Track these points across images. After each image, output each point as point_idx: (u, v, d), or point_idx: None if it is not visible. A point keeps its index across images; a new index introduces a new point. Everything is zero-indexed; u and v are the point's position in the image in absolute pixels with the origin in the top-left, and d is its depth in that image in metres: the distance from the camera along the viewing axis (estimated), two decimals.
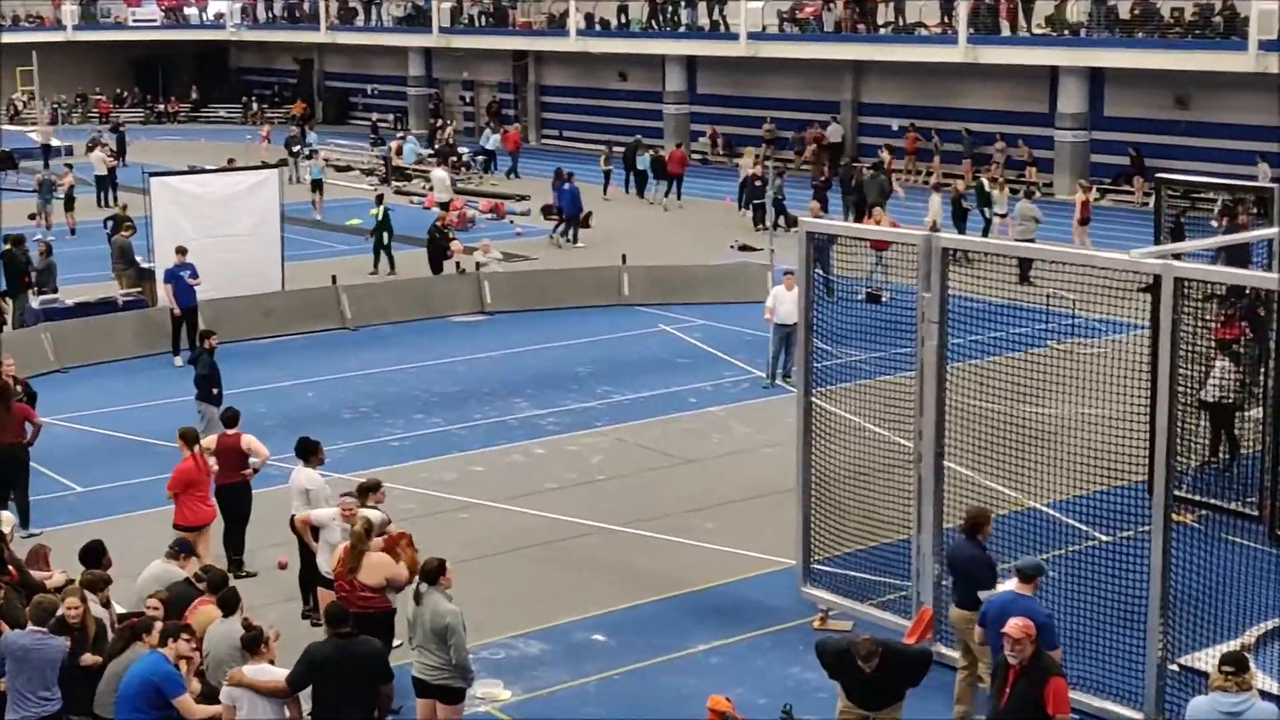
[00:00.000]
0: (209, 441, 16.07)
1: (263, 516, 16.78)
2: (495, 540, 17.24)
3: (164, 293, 25.83)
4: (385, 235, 32.69)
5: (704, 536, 17.20)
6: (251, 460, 16.09)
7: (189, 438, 15.60)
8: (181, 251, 25.52)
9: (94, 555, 12.72)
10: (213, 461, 15.82)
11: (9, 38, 65.13)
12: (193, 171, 35.11)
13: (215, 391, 19.77)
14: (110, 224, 31.82)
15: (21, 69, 57.99)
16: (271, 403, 22.97)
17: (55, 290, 27.49)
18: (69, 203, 38.27)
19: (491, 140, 50.24)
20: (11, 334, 25.54)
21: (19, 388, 18.28)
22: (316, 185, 39.99)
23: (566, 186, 36.87)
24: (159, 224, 27.57)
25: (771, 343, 23.48)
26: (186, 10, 71.57)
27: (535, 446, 20.82)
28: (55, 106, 64.39)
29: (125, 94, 70.99)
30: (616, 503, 18.44)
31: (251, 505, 16.28)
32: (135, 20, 69.92)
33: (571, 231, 36.38)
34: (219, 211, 28.30)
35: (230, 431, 16.15)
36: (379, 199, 34.25)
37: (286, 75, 71.69)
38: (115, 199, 40.50)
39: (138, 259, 28.81)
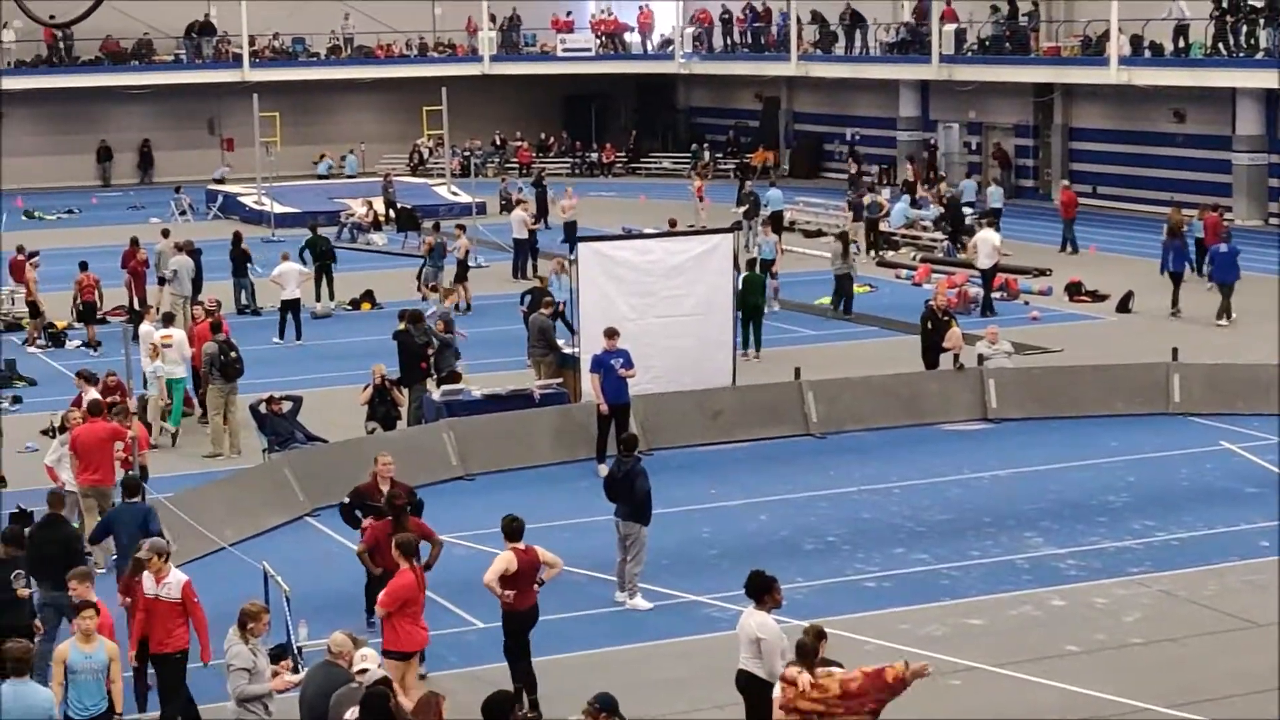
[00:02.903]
0: (507, 562, 17.04)
1: (703, 669, 17.07)
2: (996, 717, 17.02)
3: (590, 385, 26.71)
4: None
5: None
6: (541, 573, 17.30)
7: (407, 548, 16.74)
8: (612, 335, 26.26)
9: (500, 709, 13.17)
10: (496, 584, 16.94)
11: (416, 71, 69.34)
12: (629, 236, 36.32)
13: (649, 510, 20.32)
14: (528, 299, 33.05)
15: (429, 109, 61.32)
16: (716, 526, 23.41)
17: (456, 375, 28.70)
18: (462, 272, 40.10)
19: (995, 196, 50.09)
20: (407, 431, 26.92)
21: (397, 493, 19.23)
22: (765, 267, 38.35)
23: (1224, 248, 36.47)
24: (587, 300, 28.48)
25: None
26: (627, 37, 74.13)
27: (1051, 597, 20.51)
28: (466, 154, 67.79)
29: (550, 140, 74.12)
30: (1158, 676, 17.94)
31: None
32: (565, 50, 72.99)
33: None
34: (661, 286, 29.02)
35: (521, 546, 17.20)
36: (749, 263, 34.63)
37: (746, 116, 73.42)
38: (535, 269, 42.29)
39: (559, 343, 29.86)
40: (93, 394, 24.69)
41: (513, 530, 17.38)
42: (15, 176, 67.68)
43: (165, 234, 40.67)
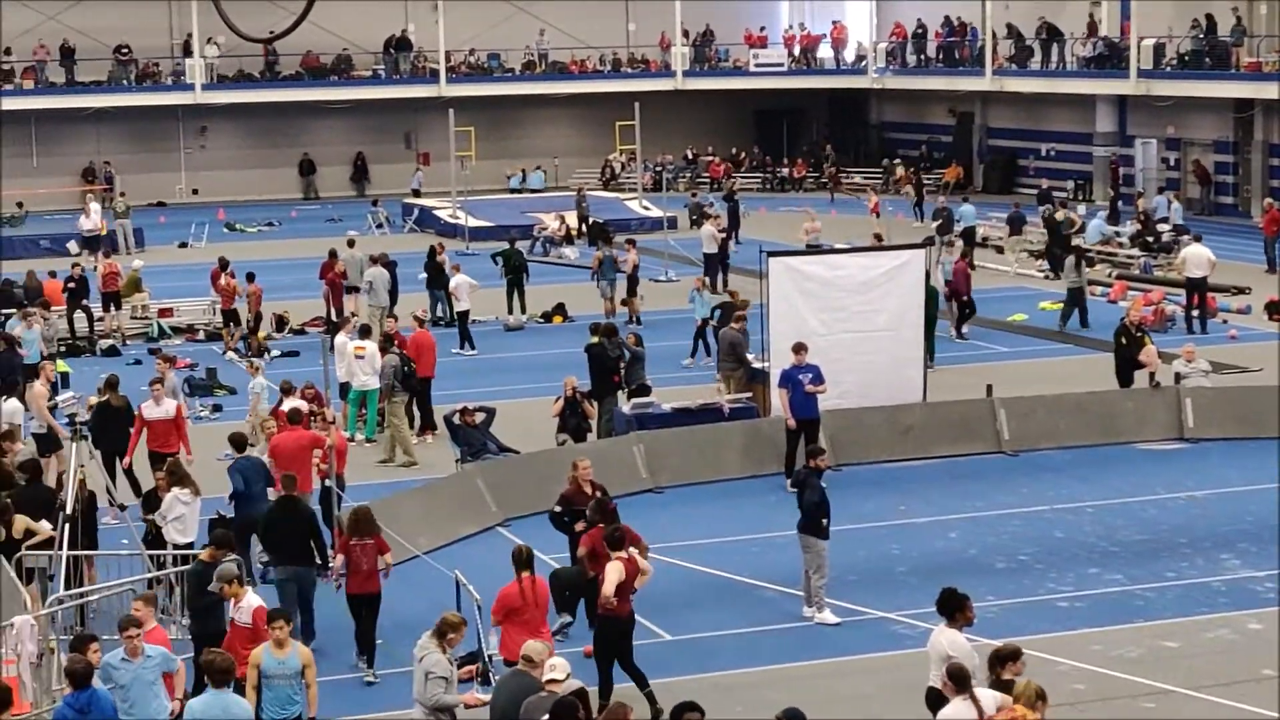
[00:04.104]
0: (620, 573, 17.25)
1: (890, 685, 16.96)
2: None
3: (779, 400, 26.68)
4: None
5: None
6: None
7: (517, 559, 17.18)
8: (800, 350, 26.24)
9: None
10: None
11: (610, 86, 69.73)
12: (820, 251, 36.25)
13: (824, 523, 20.21)
14: (718, 313, 33.15)
15: (621, 124, 61.57)
16: (906, 543, 23.30)
17: (646, 388, 28.79)
18: (632, 285, 40.34)
19: (1175, 210, 49.39)
20: (598, 443, 27.07)
21: (606, 498, 19.71)
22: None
23: None
24: (776, 315, 28.37)
25: None
26: (819, 52, 74.01)
27: (1249, 620, 20.17)
28: (658, 169, 68.05)
29: (742, 154, 74.17)
30: None
31: None
32: (758, 65, 72.99)
33: None
34: (852, 301, 28.83)
35: (624, 555, 17.49)
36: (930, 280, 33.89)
37: (939, 131, 72.99)
38: (725, 283, 42.30)
39: (749, 357, 29.85)
40: (291, 403, 25.02)
41: (616, 540, 17.72)
42: (218, 189, 69.19)
43: (350, 244, 41.09)
